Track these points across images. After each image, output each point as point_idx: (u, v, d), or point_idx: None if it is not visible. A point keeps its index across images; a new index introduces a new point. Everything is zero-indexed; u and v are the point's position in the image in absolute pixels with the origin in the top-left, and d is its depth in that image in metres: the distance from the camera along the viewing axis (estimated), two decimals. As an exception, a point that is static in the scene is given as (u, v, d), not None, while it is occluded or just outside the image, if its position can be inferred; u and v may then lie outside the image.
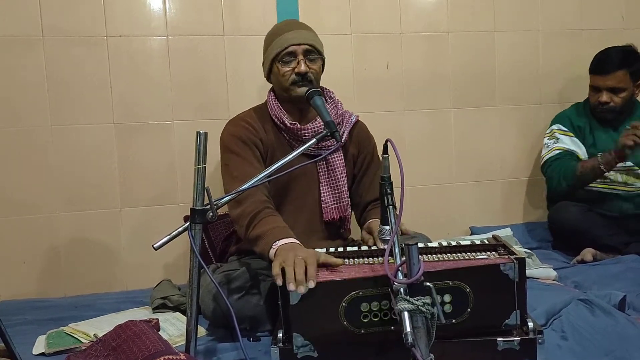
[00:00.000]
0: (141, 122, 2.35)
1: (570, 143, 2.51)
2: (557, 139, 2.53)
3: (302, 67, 1.81)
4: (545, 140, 2.58)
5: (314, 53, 1.85)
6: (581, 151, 2.50)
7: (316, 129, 1.85)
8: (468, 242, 1.56)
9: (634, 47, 2.48)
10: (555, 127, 2.57)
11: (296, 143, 1.86)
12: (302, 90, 1.81)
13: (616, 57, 2.44)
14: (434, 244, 1.58)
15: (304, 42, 1.83)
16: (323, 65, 1.92)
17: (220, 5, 2.39)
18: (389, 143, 1.46)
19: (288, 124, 1.85)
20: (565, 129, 2.53)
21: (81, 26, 2.27)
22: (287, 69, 1.83)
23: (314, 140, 1.67)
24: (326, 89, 1.98)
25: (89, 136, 2.30)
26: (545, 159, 2.54)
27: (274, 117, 1.89)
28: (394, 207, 1.46)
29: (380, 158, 1.96)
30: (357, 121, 2.02)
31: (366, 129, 2.05)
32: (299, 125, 1.86)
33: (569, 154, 2.49)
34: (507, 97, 2.75)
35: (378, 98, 2.58)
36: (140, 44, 2.33)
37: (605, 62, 2.45)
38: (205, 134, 1.46)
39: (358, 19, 2.54)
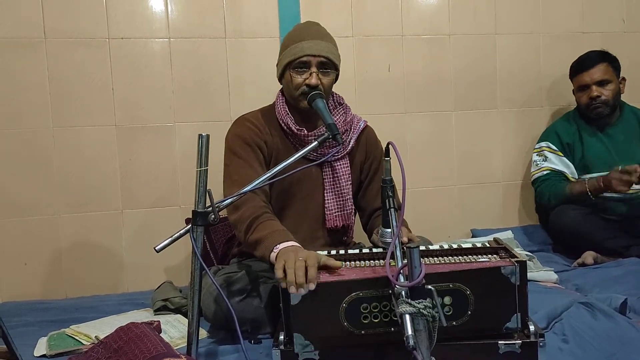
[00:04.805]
0: (143, 124, 2.36)
1: (558, 163, 2.56)
2: (546, 157, 2.58)
3: (314, 80, 1.76)
4: (534, 157, 2.63)
5: (329, 66, 1.81)
6: (569, 171, 2.55)
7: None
8: (469, 245, 1.56)
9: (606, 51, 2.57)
10: (544, 144, 2.60)
11: (302, 148, 1.84)
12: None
13: (594, 54, 2.54)
14: (435, 246, 1.58)
15: (320, 53, 1.77)
16: (336, 78, 1.88)
17: (222, 7, 2.40)
18: (390, 146, 1.46)
19: (294, 129, 1.83)
20: (555, 148, 2.57)
21: (83, 28, 2.27)
22: (299, 79, 1.79)
23: (316, 143, 1.66)
24: (337, 94, 1.96)
25: (91, 138, 2.31)
26: (534, 177, 2.61)
27: (280, 121, 1.87)
28: (396, 209, 1.46)
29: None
30: (366, 127, 1.99)
31: (374, 134, 2.02)
32: (305, 131, 1.83)
33: (557, 175, 2.55)
34: (508, 99, 2.75)
35: (379, 100, 2.59)
36: (142, 46, 2.34)
37: (586, 59, 2.54)
38: (207, 136, 1.47)
39: (359, 22, 2.54)
